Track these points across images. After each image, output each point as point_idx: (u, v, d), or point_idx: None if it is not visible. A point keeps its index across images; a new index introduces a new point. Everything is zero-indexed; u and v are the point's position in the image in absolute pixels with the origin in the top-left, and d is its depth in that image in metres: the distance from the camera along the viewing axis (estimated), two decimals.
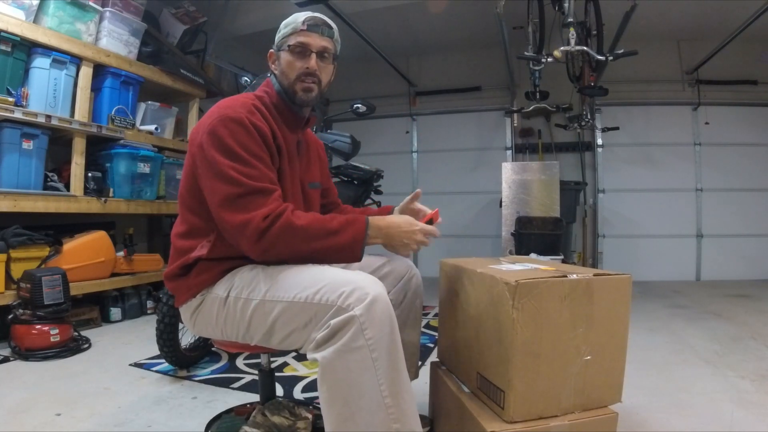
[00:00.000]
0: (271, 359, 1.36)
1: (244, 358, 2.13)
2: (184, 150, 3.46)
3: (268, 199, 1.02)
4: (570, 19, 2.67)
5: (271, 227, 0.99)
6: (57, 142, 2.78)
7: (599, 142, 4.96)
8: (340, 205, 1.46)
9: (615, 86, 4.25)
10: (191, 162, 1.10)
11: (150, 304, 3.13)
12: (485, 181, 5.18)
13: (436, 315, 2.95)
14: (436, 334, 2.10)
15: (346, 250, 1.03)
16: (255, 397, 1.64)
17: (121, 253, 2.98)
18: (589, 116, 4.53)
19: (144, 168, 3.10)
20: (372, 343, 0.87)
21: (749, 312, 3.13)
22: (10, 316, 2.20)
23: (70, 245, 2.65)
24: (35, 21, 2.54)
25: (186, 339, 1.99)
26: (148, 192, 3.18)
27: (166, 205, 3.35)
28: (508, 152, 5.25)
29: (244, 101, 1.10)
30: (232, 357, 2.14)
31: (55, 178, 2.70)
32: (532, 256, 3.26)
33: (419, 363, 1.58)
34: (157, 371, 1.98)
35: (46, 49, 2.54)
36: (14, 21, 2.38)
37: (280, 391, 1.76)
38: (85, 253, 2.70)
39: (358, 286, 0.91)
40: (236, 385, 1.82)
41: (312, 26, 1.14)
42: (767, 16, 3.48)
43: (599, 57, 2.83)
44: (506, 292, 1.01)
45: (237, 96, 1.16)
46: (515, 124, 5.00)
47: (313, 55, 1.14)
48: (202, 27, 3.62)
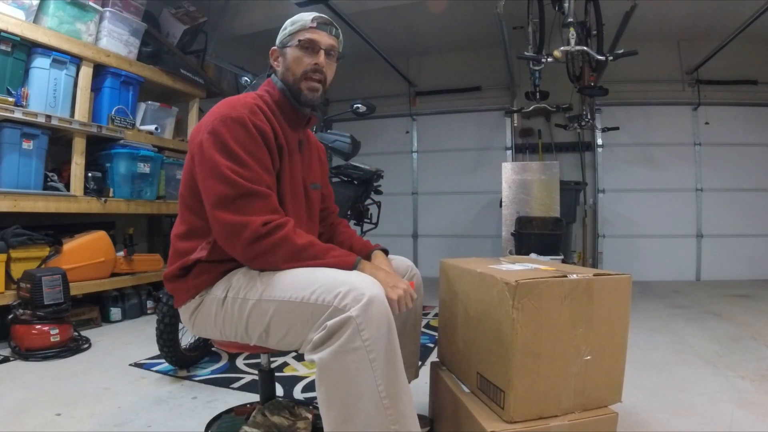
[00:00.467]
0: (271, 359, 1.36)
1: (244, 358, 2.13)
2: (184, 150, 3.46)
3: (266, 204, 1.03)
4: (570, 19, 2.67)
5: (269, 236, 1.00)
6: (57, 142, 2.78)
7: (599, 142, 4.96)
8: (336, 212, 1.45)
9: (615, 86, 4.25)
10: (191, 161, 1.10)
11: (150, 304, 3.13)
12: (485, 181, 5.18)
13: (436, 315, 2.95)
14: (436, 334, 2.10)
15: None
16: (255, 397, 1.64)
17: (121, 253, 2.99)
18: (589, 116, 4.53)
19: (144, 168, 3.10)
20: (369, 344, 0.87)
21: (749, 312, 3.13)
22: (10, 316, 2.21)
23: (70, 245, 2.65)
24: (35, 21, 2.54)
25: (186, 339, 1.99)
26: (148, 192, 3.18)
27: (166, 205, 3.35)
28: (508, 152, 5.25)
29: (246, 101, 1.11)
30: (232, 357, 2.14)
31: (55, 178, 2.70)
32: (532, 256, 3.25)
33: (419, 363, 1.58)
34: (157, 371, 1.98)
35: (46, 49, 2.54)
36: (14, 21, 2.38)
37: (280, 391, 1.76)
38: (85, 253, 2.70)
39: (354, 287, 0.91)
40: (236, 385, 1.82)
41: (321, 24, 1.17)
42: (767, 16, 3.48)
43: (599, 57, 2.83)
44: (506, 292, 1.01)
45: (239, 96, 1.16)
46: (515, 124, 4.99)
47: (322, 52, 1.16)
48: (202, 27, 3.62)
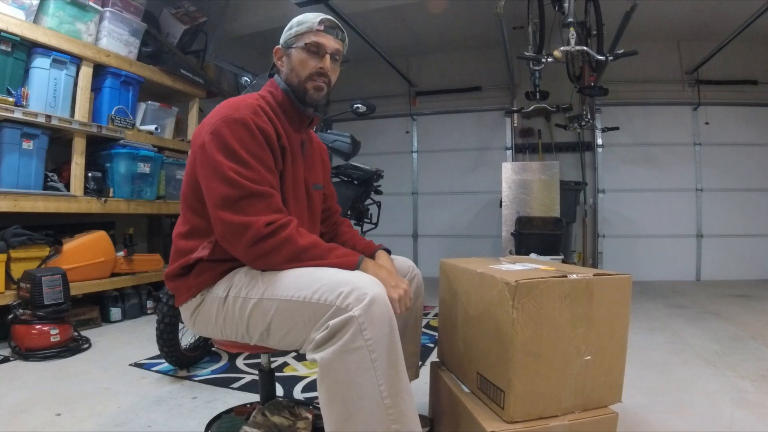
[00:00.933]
0: (271, 359, 1.36)
1: (244, 358, 2.13)
2: (184, 150, 3.46)
3: (268, 204, 1.03)
4: (570, 19, 2.67)
5: (272, 236, 1.00)
6: (57, 142, 2.78)
7: (599, 142, 4.96)
8: (338, 211, 1.45)
9: (615, 86, 4.25)
10: (193, 162, 1.10)
11: (150, 304, 3.13)
12: (485, 181, 5.19)
13: (436, 315, 2.95)
14: (436, 334, 2.10)
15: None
16: (255, 397, 1.64)
17: (121, 253, 2.99)
18: (589, 116, 4.53)
19: (144, 168, 3.10)
20: (371, 344, 0.87)
21: (749, 312, 3.13)
22: (10, 316, 2.21)
23: (70, 245, 2.65)
24: (35, 21, 2.54)
25: (186, 339, 1.99)
26: (148, 192, 3.18)
27: (166, 205, 3.35)
28: (508, 152, 5.25)
29: (249, 102, 1.11)
30: (232, 357, 2.14)
31: (55, 178, 2.70)
32: (532, 256, 3.26)
33: (419, 363, 1.58)
34: (157, 371, 1.98)
35: (46, 49, 2.54)
36: (14, 21, 2.38)
37: (280, 391, 1.76)
38: (85, 253, 2.70)
39: (357, 287, 0.91)
40: (236, 385, 1.82)
41: (329, 28, 1.17)
42: (767, 16, 3.48)
43: (599, 57, 2.83)
44: (506, 292, 1.01)
45: (242, 96, 1.17)
46: (515, 124, 4.99)
47: (327, 56, 1.16)
48: (202, 27, 3.62)
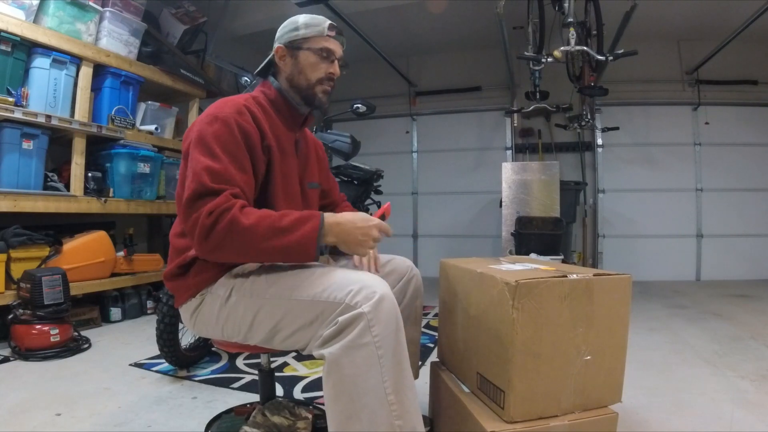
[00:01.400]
0: (271, 359, 1.36)
1: (244, 358, 2.13)
2: None
3: (217, 199, 0.97)
4: (570, 19, 2.67)
5: (216, 225, 0.94)
6: (57, 142, 2.78)
7: (599, 142, 4.96)
8: (343, 199, 1.47)
9: (615, 86, 4.25)
10: (185, 161, 1.10)
11: (150, 304, 3.13)
12: (485, 181, 5.19)
13: (436, 315, 2.95)
14: (436, 334, 2.10)
15: (298, 250, 0.96)
16: (255, 397, 1.64)
17: (121, 253, 2.99)
18: (589, 116, 4.53)
19: (144, 168, 3.10)
20: (378, 341, 0.88)
21: (749, 312, 3.13)
22: (10, 316, 2.21)
23: (70, 245, 2.65)
24: (35, 21, 2.54)
25: (186, 339, 1.99)
26: (148, 192, 3.18)
27: (166, 205, 3.35)
28: (508, 152, 5.25)
29: (235, 101, 1.11)
30: (232, 357, 2.14)
31: (55, 178, 2.70)
32: (532, 256, 3.26)
33: (419, 363, 1.58)
34: (157, 371, 1.98)
35: (46, 49, 2.54)
36: (14, 21, 2.38)
37: (280, 391, 1.76)
38: (85, 253, 2.70)
39: (366, 285, 0.92)
40: (236, 385, 1.82)
41: (338, 35, 1.20)
42: (767, 16, 3.48)
43: (599, 57, 2.83)
44: (506, 292, 1.01)
45: (232, 96, 1.17)
46: (515, 124, 4.99)
47: (336, 62, 1.20)
48: (202, 27, 3.62)
